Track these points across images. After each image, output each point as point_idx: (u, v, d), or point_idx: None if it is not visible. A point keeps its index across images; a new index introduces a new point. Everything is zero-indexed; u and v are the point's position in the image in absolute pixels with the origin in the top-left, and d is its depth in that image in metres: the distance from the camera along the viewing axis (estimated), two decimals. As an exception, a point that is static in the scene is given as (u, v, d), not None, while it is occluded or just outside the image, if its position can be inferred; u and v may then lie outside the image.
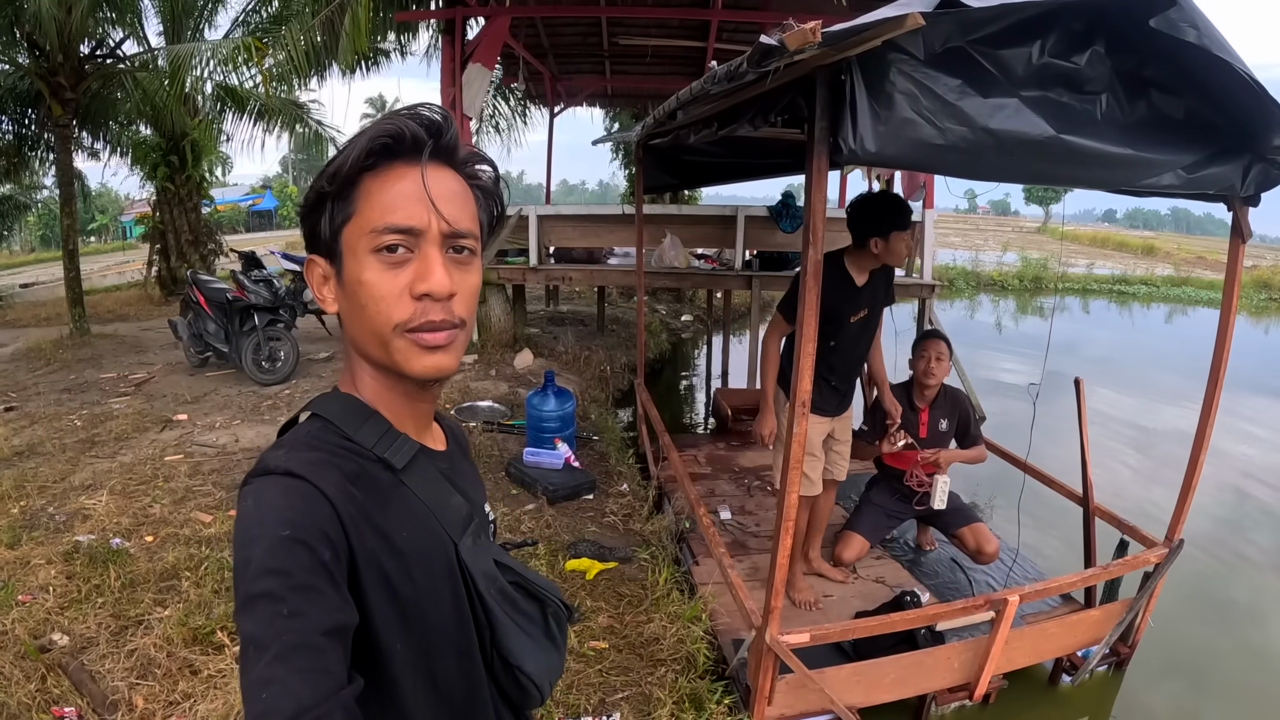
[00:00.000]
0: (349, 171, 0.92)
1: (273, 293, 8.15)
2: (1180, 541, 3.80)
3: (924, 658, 3.52)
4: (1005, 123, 2.26)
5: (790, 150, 5.41)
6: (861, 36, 1.79)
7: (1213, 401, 3.59)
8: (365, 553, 0.87)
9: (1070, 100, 2.43)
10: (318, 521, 0.83)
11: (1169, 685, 4.33)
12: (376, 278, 0.92)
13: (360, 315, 0.94)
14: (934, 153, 2.24)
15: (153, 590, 3.97)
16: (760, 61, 2.03)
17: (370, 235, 0.91)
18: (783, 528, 2.79)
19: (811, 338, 2.51)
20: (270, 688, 0.73)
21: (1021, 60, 2.29)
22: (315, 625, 0.77)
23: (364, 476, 0.92)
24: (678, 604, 4.07)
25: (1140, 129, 2.57)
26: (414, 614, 0.92)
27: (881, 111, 2.14)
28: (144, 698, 3.20)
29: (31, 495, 5.14)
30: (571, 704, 3.28)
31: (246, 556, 0.81)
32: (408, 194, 0.92)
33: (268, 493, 0.86)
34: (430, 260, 0.92)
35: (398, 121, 0.92)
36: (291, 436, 0.96)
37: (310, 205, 0.97)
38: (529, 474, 5.56)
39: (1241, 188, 2.82)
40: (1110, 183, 2.78)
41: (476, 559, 1.01)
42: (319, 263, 0.98)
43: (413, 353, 0.94)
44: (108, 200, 41.84)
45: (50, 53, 10.27)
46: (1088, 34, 2.38)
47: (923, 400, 4.44)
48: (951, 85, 2.19)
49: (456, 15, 8.46)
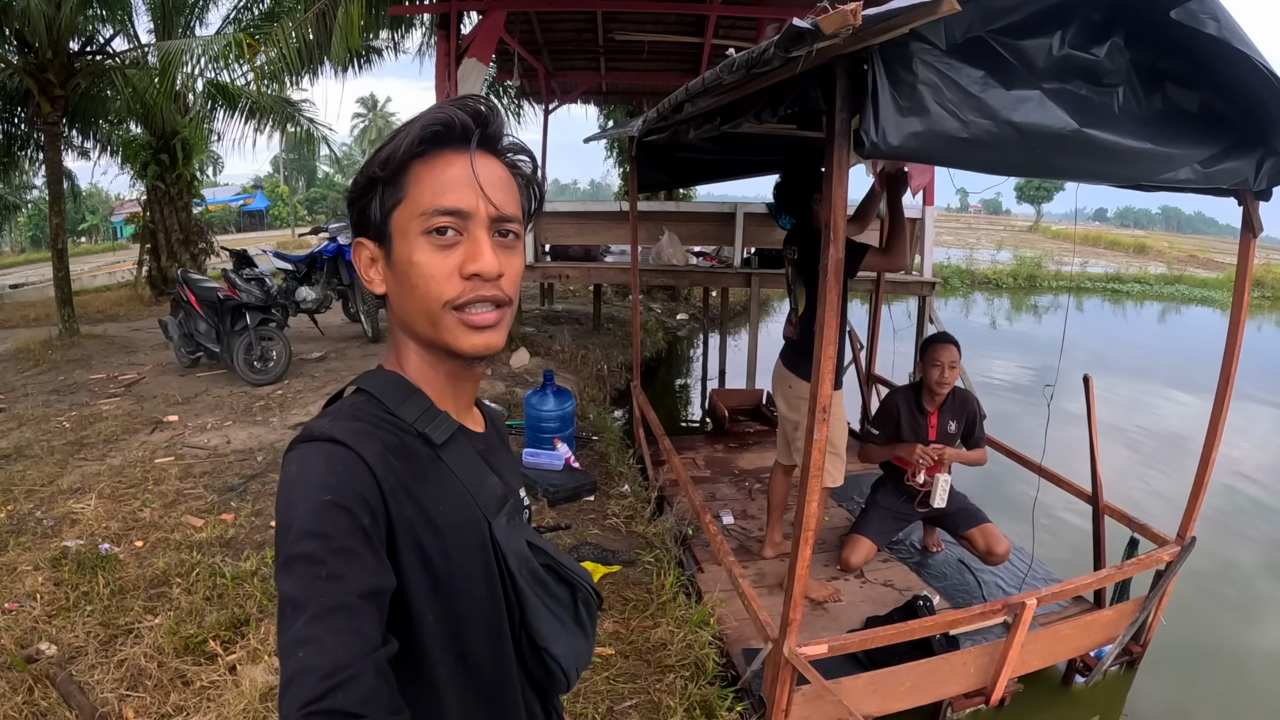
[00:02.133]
0: (402, 157, 0.96)
1: (265, 292, 8.02)
2: (1193, 539, 3.77)
3: (940, 664, 3.47)
4: (1029, 115, 2.18)
5: (783, 147, 5.35)
6: (894, 21, 1.71)
7: (1224, 398, 3.56)
8: (403, 521, 0.90)
9: (1089, 93, 2.36)
10: (358, 487, 0.87)
11: (1181, 683, 4.33)
12: (428, 258, 0.96)
13: (411, 294, 0.98)
14: (957, 146, 2.15)
15: (142, 597, 3.88)
16: (790, 46, 1.93)
17: (421, 218, 0.96)
18: (802, 538, 2.71)
19: (833, 340, 2.42)
20: (307, 647, 0.76)
21: (1042, 51, 2.22)
22: (352, 588, 0.80)
23: (404, 449, 0.95)
24: (684, 608, 3.99)
25: (1156, 122, 2.51)
26: (446, 586, 0.95)
27: (904, 103, 2.05)
28: (134, 710, 3.10)
29: (19, 499, 5.04)
30: (579, 713, 3.19)
31: (288, 519, 0.84)
32: (457, 179, 0.96)
33: (311, 458, 0.89)
34: (479, 242, 0.97)
35: (448, 110, 0.96)
36: (336, 408, 1.00)
37: (360, 190, 1.01)
38: (528, 475, 5.46)
39: (1255, 181, 2.77)
40: (1129, 178, 2.73)
41: (510, 538, 1.03)
42: (367, 245, 1.02)
43: (461, 330, 0.98)
44: (98, 200, 41.63)
45: (39, 49, 10.12)
46: (1107, 25, 2.32)
47: (932, 404, 4.37)
48: (975, 76, 2.11)
49: (451, 9, 8.36)
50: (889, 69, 2.01)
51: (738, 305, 13.20)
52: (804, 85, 2.39)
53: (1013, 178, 2.85)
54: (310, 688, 0.74)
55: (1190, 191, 3.01)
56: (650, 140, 4.88)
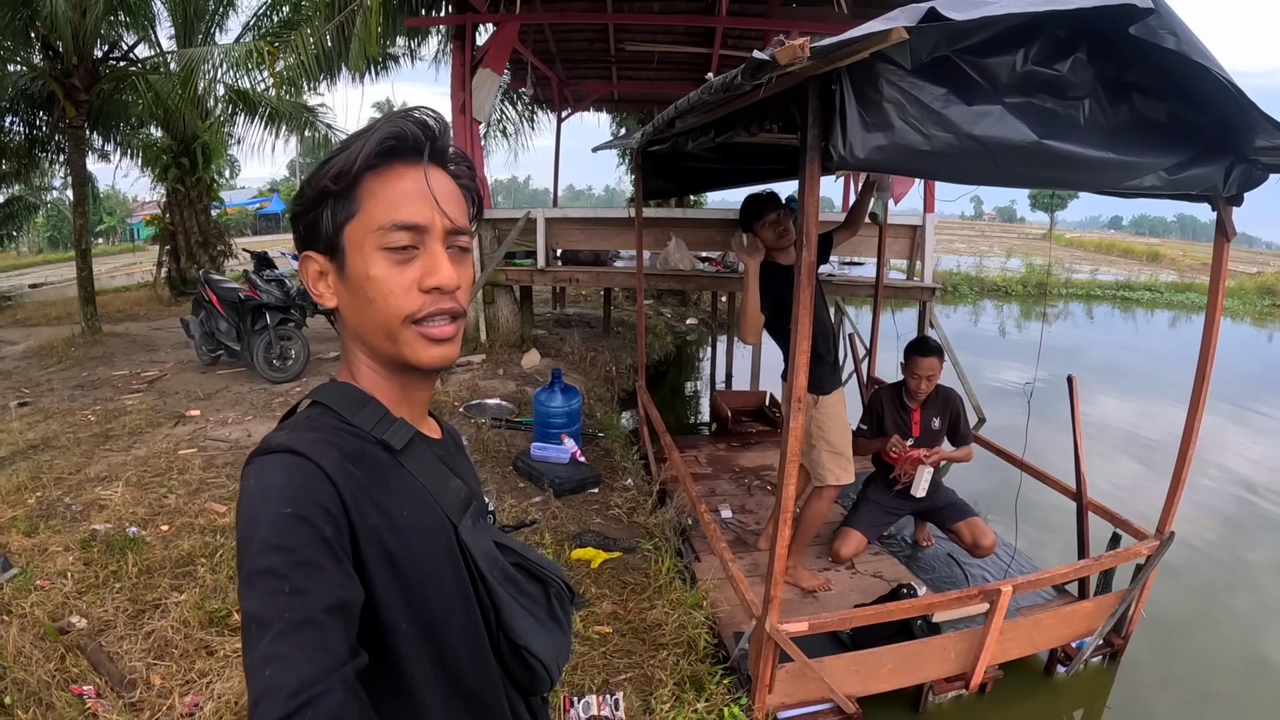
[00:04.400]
0: (357, 170, 0.96)
1: (284, 292, 8.28)
2: (1171, 534, 3.89)
3: (920, 648, 3.61)
4: (989, 129, 2.36)
5: (785, 156, 5.51)
6: (849, 50, 1.91)
7: (1200, 396, 3.68)
8: (366, 529, 0.89)
9: (1054, 106, 2.52)
10: (319, 498, 0.86)
11: (1163, 676, 4.41)
12: (385, 272, 0.96)
13: (367, 309, 0.98)
14: (921, 158, 2.35)
15: (169, 576, 4.08)
16: (754, 75, 2.15)
17: (378, 232, 0.96)
18: (781, 519, 2.89)
19: (806, 335, 2.62)
20: (273, 664, 0.75)
21: (1006, 68, 2.39)
22: (317, 602, 0.79)
23: (364, 456, 0.95)
24: (679, 592, 4.18)
25: (1123, 133, 2.66)
26: (418, 592, 0.94)
27: (869, 119, 2.25)
28: (161, 676, 3.30)
29: (48, 486, 5.26)
30: (576, 684, 3.39)
31: (249, 534, 0.83)
32: (411, 193, 0.97)
33: (270, 471, 0.88)
34: (436, 255, 0.98)
35: (399, 123, 0.97)
36: (293, 421, 1.00)
37: (309, 203, 0.99)
38: (536, 468, 5.68)
39: (1224, 187, 2.91)
40: (1093, 185, 2.87)
41: (477, 540, 1.03)
42: (316, 259, 1.01)
43: (420, 344, 0.99)
44: (115, 202, 42.18)
45: (64, 54, 10.45)
46: (1070, 42, 2.47)
47: (914, 401, 4.57)
48: (937, 94, 2.30)
49: (467, 21, 8.61)
50: (856, 88, 2.21)
51: (744, 311, 13.32)
52: (783, 103, 2.60)
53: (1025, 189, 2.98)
54: (278, 706, 0.73)
55: (1160, 197, 3.13)
56: (654, 150, 5.09)
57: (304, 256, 1.02)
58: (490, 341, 9.50)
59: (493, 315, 9.58)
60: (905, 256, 8.56)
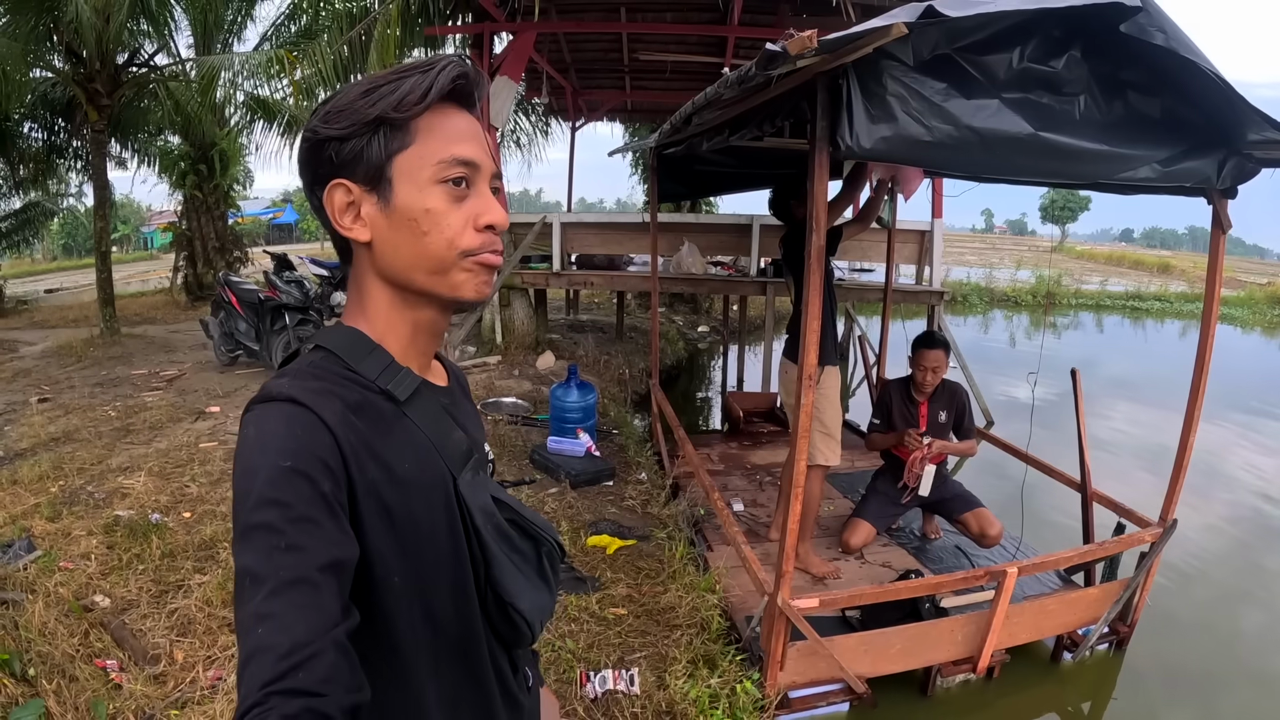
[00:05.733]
0: (426, 103, 0.94)
1: (304, 293, 8.44)
2: (1174, 522, 3.96)
3: (928, 629, 3.70)
4: (987, 121, 2.52)
5: (796, 160, 5.65)
6: (855, 44, 2.05)
7: (1199, 387, 3.77)
8: (365, 483, 0.89)
9: (1050, 101, 2.66)
10: (318, 451, 0.84)
11: (1169, 665, 4.42)
12: (445, 206, 0.95)
13: (420, 241, 0.96)
14: (923, 149, 2.50)
15: (192, 559, 4.20)
16: (767, 66, 2.29)
17: (437, 165, 0.95)
18: (791, 494, 3.00)
19: (816, 315, 2.75)
20: (265, 623, 0.75)
21: (1003, 65, 2.53)
22: (312, 560, 0.78)
23: (367, 406, 0.93)
24: (693, 577, 4.29)
25: (1118, 127, 2.79)
26: (412, 546, 0.93)
27: (874, 112, 2.40)
28: (184, 652, 3.41)
29: (70, 476, 5.39)
30: (593, 660, 3.50)
31: (246, 486, 0.82)
32: (465, 132, 0.98)
33: (269, 420, 0.86)
34: (488, 196, 1.00)
35: (462, 66, 0.97)
36: (295, 366, 0.97)
37: (354, 129, 0.94)
38: (552, 460, 5.82)
39: (1218, 180, 3.03)
40: (1089, 176, 2.99)
41: (475, 493, 1.02)
42: (350, 187, 0.96)
43: (470, 277, 0.99)
44: (130, 211, 42.56)
45: (88, 60, 10.67)
46: (1065, 40, 2.61)
47: (921, 395, 4.68)
48: (938, 88, 2.45)
49: (484, 30, 8.81)
50: (862, 83, 2.37)
51: (757, 318, 13.43)
52: (794, 99, 2.75)
53: (1036, 200, 3.11)
54: (270, 667, 0.72)
55: (1156, 191, 3.27)
56: (669, 153, 5.22)
57: (335, 183, 0.96)
58: (506, 343, 9.64)
59: (508, 318, 9.73)
60: (914, 261, 8.68)
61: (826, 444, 4.42)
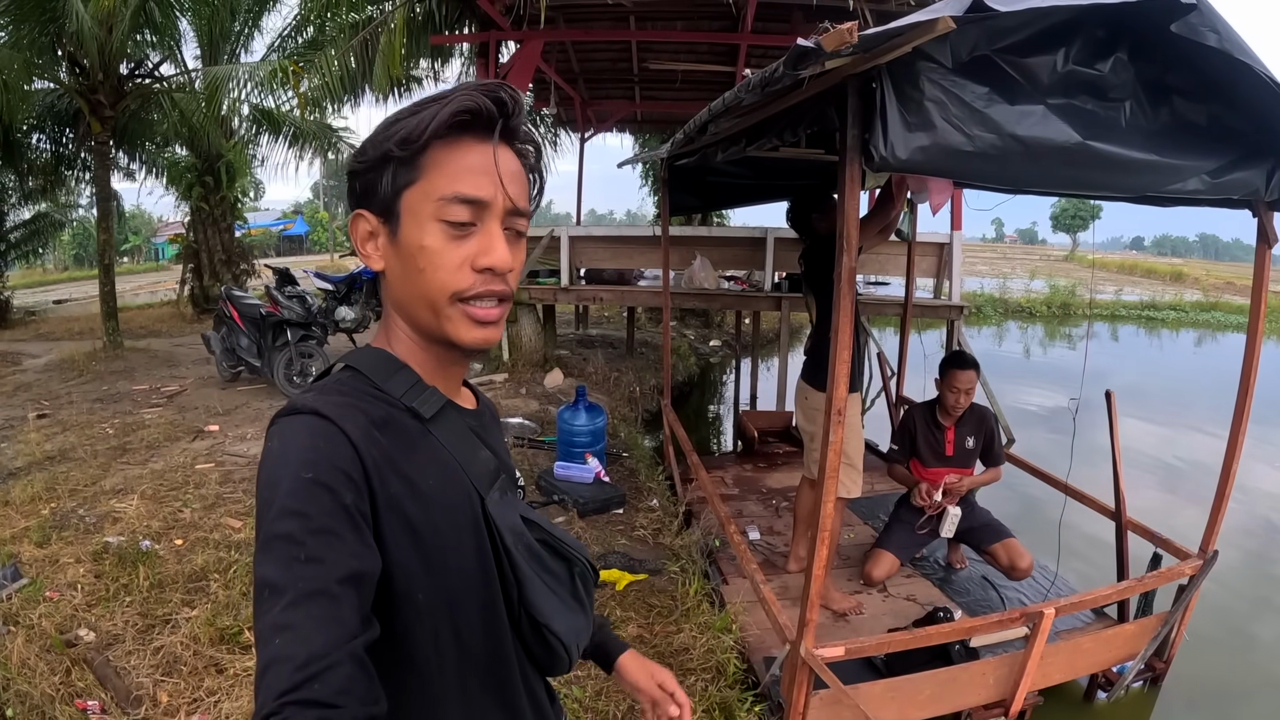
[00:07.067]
0: (425, 140, 0.93)
1: (306, 309, 8.28)
2: (1215, 553, 3.76)
3: (959, 673, 3.49)
4: (1032, 129, 2.29)
5: (812, 171, 5.45)
6: (896, 41, 1.83)
7: (1244, 411, 3.57)
8: (387, 497, 0.88)
9: (1095, 107, 2.45)
10: (340, 463, 0.85)
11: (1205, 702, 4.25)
12: (440, 245, 0.95)
13: (415, 278, 0.96)
14: (964, 160, 2.26)
15: (181, 591, 4.03)
16: (796, 65, 2.06)
17: (438, 203, 0.94)
18: (819, 538, 2.78)
19: (847, 345, 2.52)
20: (284, 634, 0.75)
21: (1046, 68, 2.32)
22: (332, 572, 0.79)
23: (392, 423, 0.94)
24: (707, 615, 4.07)
25: (1164, 135, 2.59)
26: (437, 561, 0.93)
27: (911, 119, 2.17)
28: (168, 694, 3.25)
29: (62, 497, 5.25)
30: (601, 710, 3.28)
31: (269, 497, 0.82)
32: (475, 168, 0.95)
33: (293, 432, 0.87)
34: (493, 235, 0.96)
35: (475, 98, 0.94)
36: (323, 383, 0.99)
37: (371, 163, 0.96)
38: (559, 487, 5.59)
39: (1266, 192, 2.83)
40: (1136, 189, 2.77)
41: (503, 513, 1.01)
42: (368, 218, 0.99)
43: (464, 323, 0.97)
44: (140, 222, 42.71)
45: (91, 70, 10.58)
46: (1110, 41, 2.41)
47: (948, 419, 4.43)
48: (979, 93, 2.22)
49: (490, 39, 8.63)
50: (897, 87, 2.13)
51: (770, 333, 13.24)
52: (821, 105, 2.52)
53: (1046, 209, 2.91)
54: (286, 677, 0.72)
55: (1201, 203, 3.09)
56: (681, 164, 5.01)
57: (356, 214, 1.00)
58: (513, 360, 9.45)
59: (515, 334, 9.53)
60: (932, 275, 8.47)
61: (849, 475, 4.16)
